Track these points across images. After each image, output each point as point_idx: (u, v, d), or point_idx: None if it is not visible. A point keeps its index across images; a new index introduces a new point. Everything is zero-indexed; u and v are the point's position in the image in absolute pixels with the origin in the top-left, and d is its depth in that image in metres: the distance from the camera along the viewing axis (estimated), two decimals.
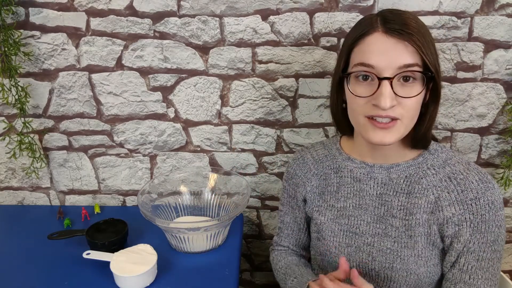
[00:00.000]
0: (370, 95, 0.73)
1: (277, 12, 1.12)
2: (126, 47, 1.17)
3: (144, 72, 1.20)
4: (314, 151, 0.96)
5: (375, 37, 0.73)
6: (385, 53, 0.71)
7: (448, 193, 0.79)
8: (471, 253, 0.77)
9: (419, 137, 0.80)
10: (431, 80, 0.74)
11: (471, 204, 0.77)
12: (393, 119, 0.73)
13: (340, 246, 0.86)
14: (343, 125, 0.87)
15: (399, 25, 0.71)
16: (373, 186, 0.85)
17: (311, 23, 1.12)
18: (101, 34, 1.16)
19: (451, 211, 0.78)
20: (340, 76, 0.80)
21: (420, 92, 0.72)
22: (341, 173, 0.89)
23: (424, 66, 0.72)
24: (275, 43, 1.15)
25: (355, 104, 0.76)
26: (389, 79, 0.70)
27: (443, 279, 0.82)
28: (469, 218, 0.77)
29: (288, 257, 1.01)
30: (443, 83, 1.16)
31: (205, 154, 1.30)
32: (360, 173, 0.86)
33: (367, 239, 0.84)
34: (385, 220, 0.83)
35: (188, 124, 1.26)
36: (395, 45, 0.71)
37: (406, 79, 0.72)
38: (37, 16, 1.14)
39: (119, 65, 1.19)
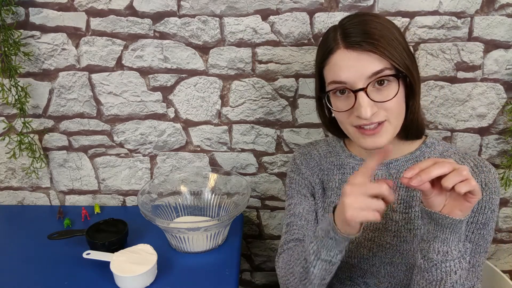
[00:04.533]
0: (350, 108, 0.74)
1: (277, 12, 1.12)
2: (126, 47, 1.17)
3: (144, 72, 1.20)
4: (319, 147, 0.97)
5: (339, 54, 0.74)
6: (352, 67, 0.72)
7: None
8: None
9: (408, 127, 0.80)
10: (405, 78, 0.75)
11: None
12: (380, 123, 0.74)
13: None
14: (337, 132, 0.88)
15: (359, 36, 0.72)
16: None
17: (311, 23, 1.12)
18: (101, 34, 1.16)
19: None
20: (319, 96, 0.83)
21: (397, 93, 0.73)
22: (344, 169, 0.90)
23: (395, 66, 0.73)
24: (275, 43, 1.15)
25: (340, 117, 0.78)
26: (363, 89, 0.72)
27: None
28: None
29: (300, 245, 0.85)
30: (443, 83, 1.16)
31: (205, 154, 1.30)
32: None
33: (368, 234, 0.85)
34: (385, 214, 0.84)
35: (188, 124, 1.26)
36: (359, 57, 0.72)
37: (380, 83, 0.73)
38: (37, 16, 1.14)
39: (119, 65, 1.19)
